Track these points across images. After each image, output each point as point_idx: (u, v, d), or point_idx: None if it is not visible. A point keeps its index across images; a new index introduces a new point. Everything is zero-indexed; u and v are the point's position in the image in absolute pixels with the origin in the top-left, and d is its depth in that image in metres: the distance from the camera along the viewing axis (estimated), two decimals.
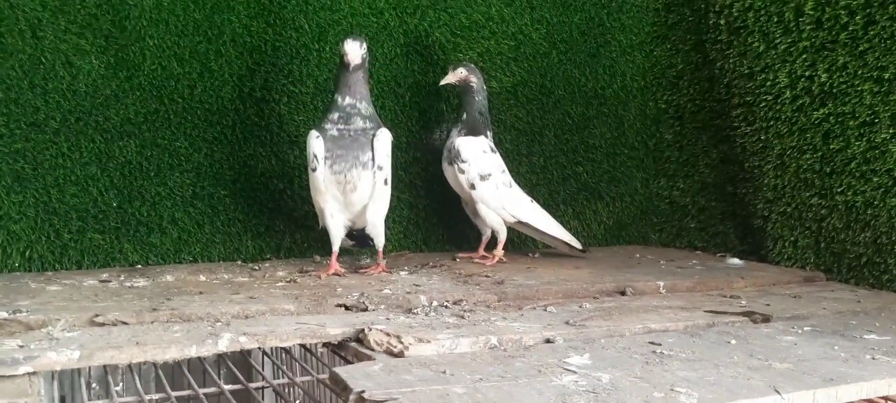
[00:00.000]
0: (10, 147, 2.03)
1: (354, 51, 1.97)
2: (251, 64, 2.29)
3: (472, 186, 2.23)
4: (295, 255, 2.36)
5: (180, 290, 1.78)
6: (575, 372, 1.23)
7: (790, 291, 2.01)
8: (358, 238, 2.16)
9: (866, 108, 2.00)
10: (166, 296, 1.68)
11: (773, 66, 2.24)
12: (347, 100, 2.00)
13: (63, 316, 1.46)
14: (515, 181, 2.38)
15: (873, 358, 1.35)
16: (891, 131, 1.95)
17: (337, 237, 2.07)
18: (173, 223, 2.21)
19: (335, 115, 1.99)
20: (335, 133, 1.98)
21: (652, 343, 1.43)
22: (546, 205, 2.71)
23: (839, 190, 2.12)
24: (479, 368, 1.25)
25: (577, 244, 2.42)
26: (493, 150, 2.30)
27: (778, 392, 1.16)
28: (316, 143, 1.97)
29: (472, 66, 2.32)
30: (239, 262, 2.25)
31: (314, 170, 1.98)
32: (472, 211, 2.36)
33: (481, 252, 2.36)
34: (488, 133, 2.32)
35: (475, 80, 2.29)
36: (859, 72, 2.01)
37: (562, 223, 2.74)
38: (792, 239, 2.30)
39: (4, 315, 1.45)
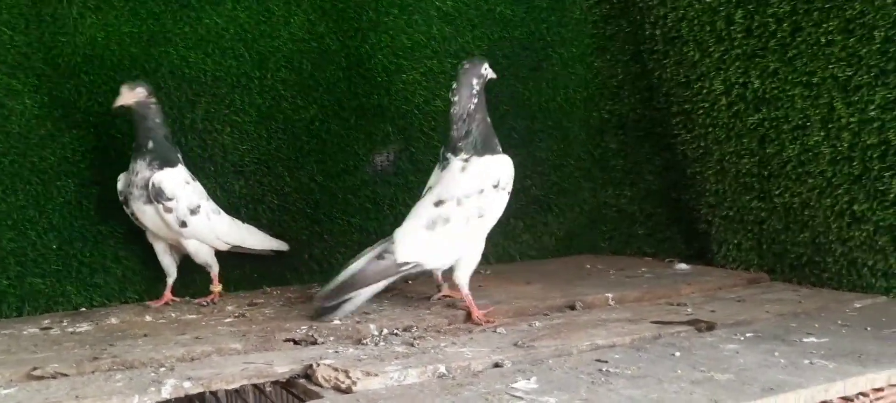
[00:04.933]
0: None
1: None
2: (191, 95, 2.25)
3: (183, 224, 1.99)
4: (244, 288, 2.33)
5: (124, 333, 1.74)
6: (521, 399, 1.24)
7: (735, 295, 2.05)
8: None
9: (798, 112, 2.06)
10: (109, 342, 1.64)
11: (709, 74, 2.29)
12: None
13: (1, 371, 1.41)
14: None
15: (811, 363, 1.39)
16: (822, 134, 2.01)
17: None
18: (117, 262, 2.17)
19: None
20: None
21: (598, 360, 1.45)
22: (497, 222, 2.74)
23: (777, 192, 2.18)
24: (427, 399, 1.25)
25: (284, 247, 2.29)
26: (193, 179, 2.08)
27: None
28: None
29: (148, 84, 2.02)
30: (187, 298, 2.21)
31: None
32: (163, 249, 2.10)
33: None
34: (180, 156, 2.07)
35: (154, 101, 2.01)
36: (789, 77, 2.07)
37: (513, 237, 2.78)
38: (735, 241, 2.36)
39: None
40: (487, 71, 1.91)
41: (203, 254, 2.09)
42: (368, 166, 2.53)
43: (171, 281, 2.12)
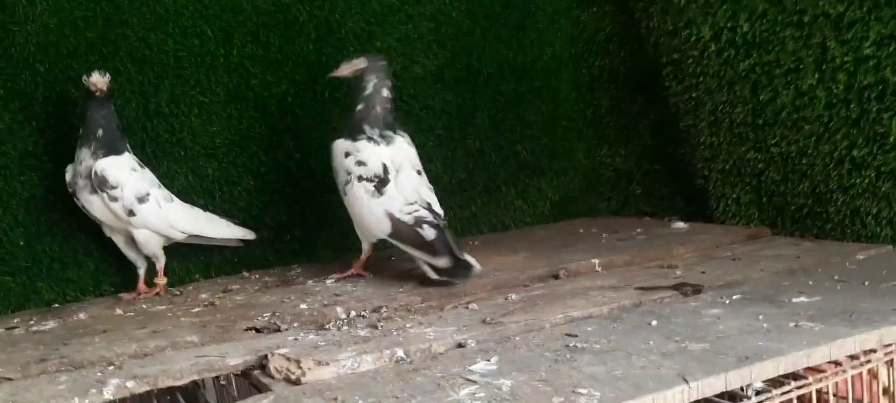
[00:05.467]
0: None
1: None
2: (153, 78, 2.17)
3: (131, 213, 1.91)
4: (224, 273, 2.26)
5: (86, 330, 1.68)
6: (475, 383, 1.15)
7: (731, 253, 1.94)
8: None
9: (790, 55, 1.93)
10: (64, 341, 1.58)
11: (696, 20, 2.15)
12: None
13: None
14: (444, 168, 2.27)
15: (796, 325, 1.29)
16: (816, 77, 1.88)
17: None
18: (89, 255, 2.11)
19: None
20: None
21: (568, 334, 1.35)
22: (486, 189, 2.65)
23: (773, 142, 2.05)
24: (377, 388, 1.17)
25: (250, 235, 2.15)
26: (141, 166, 1.98)
27: (686, 380, 1.09)
28: None
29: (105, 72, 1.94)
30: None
31: None
32: (124, 243, 2.02)
33: (141, 287, 2.04)
34: (128, 147, 1.97)
35: (111, 87, 1.95)
36: (779, 17, 1.93)
37: (506, 205, 2.68)
38: (734, 196, 2.24)
39: None
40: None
41: (152, 246, 1.99)
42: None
43: (142, 272, 2.04)
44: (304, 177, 2.37)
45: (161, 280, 2.04)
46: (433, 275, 1.78)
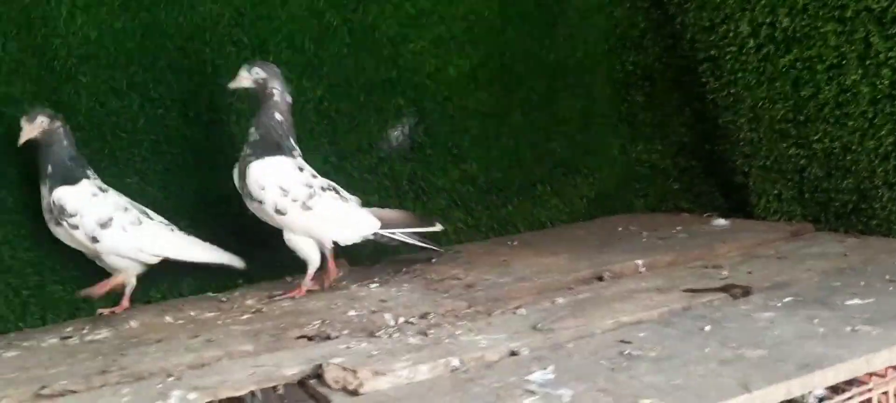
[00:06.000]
0: None
1: (241, 73, 1.92)
2: (192, 87, 2.19)
3: (95, 240, 1.87)
4: (267, 278, 2.28)
5: (140, 340, 1.71)
6: (534, 394, 1.16)
7: (775, 251, 1.93)
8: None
9: (832, 51, 1.91)
10: (122, 351, 1.61)
11: (734, 16, 2.13)
12: (249, 127, 1.97)
13: (8, 393, 1.39)
14: (480, 168, 2.26)
15: (853, 330, 1.28)
16: (859, 72, 1.86)
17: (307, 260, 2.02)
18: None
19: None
20: (239, 159, 1.98)
21: (622, 341, 1.36)
22: (522, 187, 2.65)
23: (816, 137, 2.03)
24: (436, 400, 1.19)
25: (237, 262, 2.08)
26: (102, 190, 1.94)
27: (748, 389, 1.09)
28: (234, 175, 1.99)
29: (47, 109, 1.91)
30: (209, 294, 2.18)
31: None
32: (108, 266, 1.98)
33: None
34: (89, 173, 1.94)
35: (59, 123, 1.91)
36: (820, 13, 1.91)
37: (542, 203, 2.67)
38: (775, 192, 2.22)
39: None
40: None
41: (128, 273, 1.96)
42: (383, 142, 2.45)
43: (129, 290, 1.99)
44: (343, 180, 2.37)
45: (125, 302, 1.98)
46: (426, 246, 2.08)
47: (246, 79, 1.92)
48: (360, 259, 2.34)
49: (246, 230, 2.22)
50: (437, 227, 2.12)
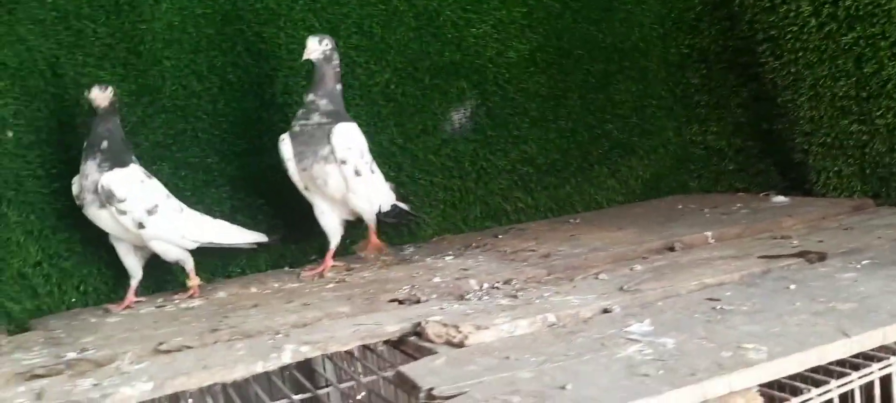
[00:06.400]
0: (49, 187, 2.05)
1: (311, 45, 1.98)
2: (268, 70, 2.29)
3: (141, 225, 1.88)
4: (338, 254, 2.36)
5: (235, 306, 1.80)
6: (639, 341, 1.23)
7: (841, 224, 1.97)
8: (395, 215, 2.20)
9: None
10: (223, 314, 1.70)
11: None
12: (310, 96, 2.02)
13: (128, 348, 1.48)
14: (538, 149, 2.33)
15: None
16: None
17: (332, 233, 2.10)
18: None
19: (300, 112, 2.04)
20: (297, 129, 2.02)
21: (710, 298, 1.42)
22: (579, 168, 2.71)
23: (878, 113, 2.07)
24: (542, 349, 1.25)
25: (263, 238, 2.12)
26: (148, 176, 1.95)
27: (847, 334, 1.15)
28: (282, 145, 2.03)
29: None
30: (286, 268, 2.27)
31: (286, 170, 2.04)
32: (125, 251, 1.99)
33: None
34: (134, 158, 1.95)
35: (118, 101, 1.94)
36: None
37: (599, 184, 2.74)
38: (835, 169, 2.26)
39: (73, 355, 1.48)
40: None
41: (173, 253, 1.97)
42: (446, 124, 2.52)
43: (134, 283, 2.00)
44: (408, 160, 2.47)
45: (193, 281, 2.00)
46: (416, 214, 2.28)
47: (316, 50, 2.00)
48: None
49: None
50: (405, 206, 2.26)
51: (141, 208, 1.88)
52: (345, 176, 2.00)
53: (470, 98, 2.53)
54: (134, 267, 2.00)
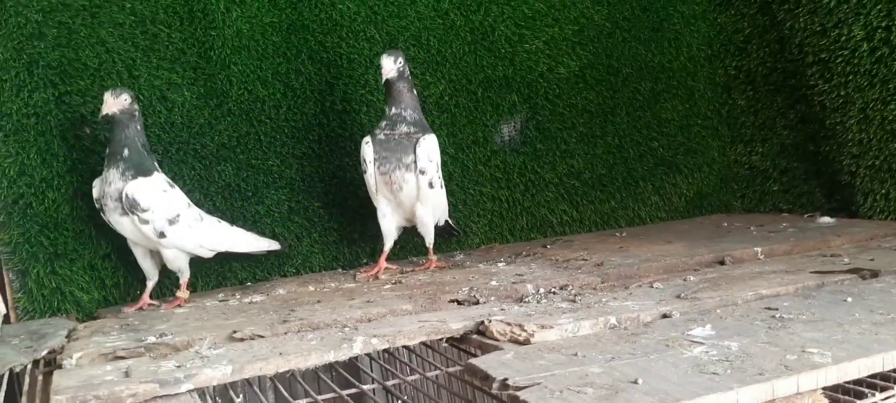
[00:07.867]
0: None
1: (387, 65, 2.06)
2: (329, 78, 2.37)
3: (162, 235, 1.90)
4: (390, 258, 2.43)
5: (298, 302, 1.87)
6: (702, 344, 1.27)
7: (891, 244, 2.00)
8: (442, 229, 2.29)
9: None
10: (289, 308, 1.77)
11: (847, 21, 2.22)
12: (393, 109, 2.10)
13: (205, 335, 1.55)
14: (585, 164, 2.38)
15: None
16: None
17: (389, 235, 2.18)
18: (274, 239, 2.30)
19: (383, 123, 2.12)
20: (382, 137, 2.10)
21: (768, 308, 1.46)
22: (625, 183, 2.76)
23: None
24: (608, 347, 1.30)
25: (275, 245, 2.19)
26: (171, 186, 1.97)
27: None
28: (365, 148, 2.10)
29: (131, 91, 1.94)
30: (339, 270, 2.34)
31: (364, 171, 2.11)
32: (142, 255, 2.01)
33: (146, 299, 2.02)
34: (157, 165, 1.96)
35: (137, 108, 1.93)
36: None
37: (642, 200, 2.79)
38: (883, 191, 2.29)
39: (152, 339, 1.55)
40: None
41: (179, 262, 1.99)
42: (497, 136, 2.59)
43: (151, 285, 2.04)
44: (459, 170, 2.54)
45: (183, 293, 2.01)
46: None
47: (391, 70, 2.07)
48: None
49: (373, 213, 2.36)
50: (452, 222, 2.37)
51: (163, 218, 1.90)
52: (419, 185, 2.08)
53: (520, 112, 2.59)
54: (150, 270, 2.04)
